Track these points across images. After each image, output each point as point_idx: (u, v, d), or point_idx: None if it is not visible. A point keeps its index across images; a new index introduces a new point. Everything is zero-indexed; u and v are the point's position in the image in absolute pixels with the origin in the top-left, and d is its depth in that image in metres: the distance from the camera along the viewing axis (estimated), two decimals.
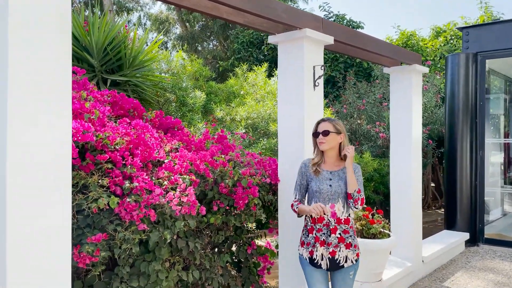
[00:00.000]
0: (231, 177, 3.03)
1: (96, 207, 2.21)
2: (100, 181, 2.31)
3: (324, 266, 2.72)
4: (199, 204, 2.63)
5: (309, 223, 2.78)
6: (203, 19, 15.96)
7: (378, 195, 7.51)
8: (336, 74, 10.61)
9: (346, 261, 2.72)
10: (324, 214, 2.69)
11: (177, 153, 2.97)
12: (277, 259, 3.66)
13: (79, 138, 2.28)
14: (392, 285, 4.28)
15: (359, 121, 8.38)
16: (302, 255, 2.80)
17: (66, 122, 1.81)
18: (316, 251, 2.72)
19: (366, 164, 6.68)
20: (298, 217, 2.88)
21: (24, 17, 1.69)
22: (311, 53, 3.34)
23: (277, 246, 3.65)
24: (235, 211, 3.15)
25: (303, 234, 2.82)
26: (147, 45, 11.06)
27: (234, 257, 3.57)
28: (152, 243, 2.47)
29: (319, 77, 3.37)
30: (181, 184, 2.59)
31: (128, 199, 2.34)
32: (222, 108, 5.85)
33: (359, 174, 2.78)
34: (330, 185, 2.74)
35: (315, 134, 2.82)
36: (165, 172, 2.65)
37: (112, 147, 2.51)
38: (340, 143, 2.79)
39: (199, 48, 16.62)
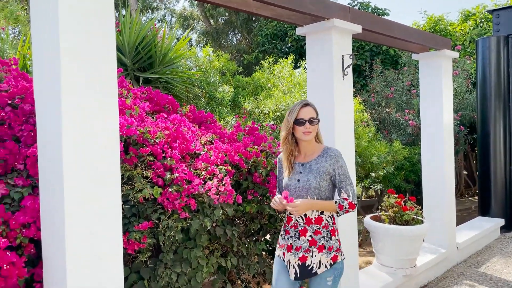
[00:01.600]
0: (264, 167, 3.12)
1: (142, 197, 2.35)
2: (144, 172, 2.45)
3: (292, 275, 2.37)
4: (235, 193, 2.74)
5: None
6: (226, 14, 16.07)
7: (408, 183, 7.46)
8: (362, 63, 10.52)
9: (319, 267, 2.33)
10: (290, 210, 2.31)
11: (212, 145, 3.09)
12: None
13: (124, 132, 2.43)
14: (426, 271, 4.30)
15: (387, 110, 8.31)
16: (278, 256, 2.49)
17: (114, 117, 1.94)
18: (284, 256, 2.43)
19: (396, 152, 6.64)
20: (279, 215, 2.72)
21: (73, 16, 1.82)
22: (339, 42, 3.38)
23: None
24: (269, 200, 3.24)
25: (280, 235, 2.54)
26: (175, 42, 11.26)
27: (268, 245, 3.67)
28: (193, 231, 2.60)
29: (348, 66, 3.41)
30: (218, 174, 2.70)
31: (170, 189, 2.47)
32: (250, 101, 5.94)
33: (344, 168, 2.39)
34: (298, 180, 2.40)
35: (300, 122, 2.38)
36: (202, 163, 2.77)
37: (152, 140, 2.65)
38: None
39: (224, 43, 16.75)
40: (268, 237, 3.64)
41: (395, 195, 4.16)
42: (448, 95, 4.90)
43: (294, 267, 2.35)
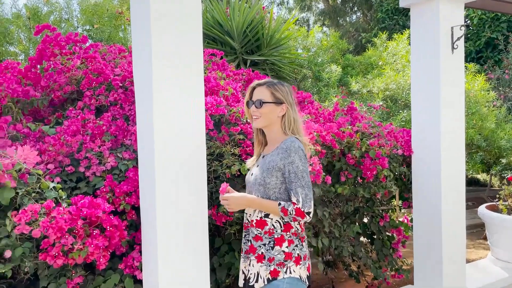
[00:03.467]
0: (358, 148, 3.02)
1: (229, 173, 2.48)
2: (232, 150, 2.58)
3: (240, 282, 2.06)
4: (324, 173, 2.72)
5: None
6: None
7: None
8: (497, 36, 9.30)
9: (257, 280, 1.93)
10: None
11: (304, 125, 3.09)
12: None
13: (213, 111, 2.58)
14: None
15: None
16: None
17: (200, 99, 2.08)
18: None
19: None
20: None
21: (163, 10, 1.98)
22: (448, 13, 3.07)
23: (411, 220, 3.52)
24: (364, 182, 3.15)
25: None
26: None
27: (367, 229, 3.57)
28: None
29: (458, 39, 3.08)
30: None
31: None
32: (358, 80, 5.74)
33: (296, 165, 1.88)
34: (252, 174, 2.08)
35: (248, 103, 2.05)
36: None
37: (244, 120, 2.76)
38: (283, 116, 2.00)
39: (341, 22, 16.29)
40: (365, 220, 3.55)
41: None
42: None
43: (243, 273, 2.05)
